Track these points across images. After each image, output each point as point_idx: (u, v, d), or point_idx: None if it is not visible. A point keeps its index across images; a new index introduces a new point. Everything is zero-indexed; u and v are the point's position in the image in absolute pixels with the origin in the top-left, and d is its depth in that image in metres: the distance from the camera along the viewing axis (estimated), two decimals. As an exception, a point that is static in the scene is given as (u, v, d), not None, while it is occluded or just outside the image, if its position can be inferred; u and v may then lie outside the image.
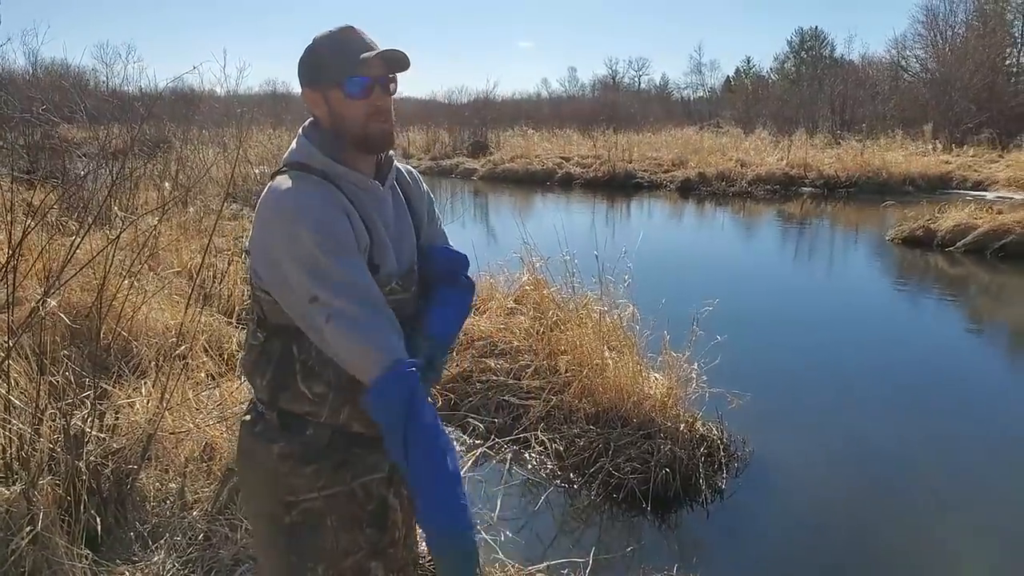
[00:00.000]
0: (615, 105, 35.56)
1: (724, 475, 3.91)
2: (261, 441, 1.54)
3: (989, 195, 16.24)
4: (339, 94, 1.47)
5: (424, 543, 1.98)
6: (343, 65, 1.45)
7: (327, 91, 1.49)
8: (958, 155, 21.27)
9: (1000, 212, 10.75)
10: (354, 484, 1.56)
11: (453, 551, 1.34)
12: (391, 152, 1.64)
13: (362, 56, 1.44)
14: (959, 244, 10.26)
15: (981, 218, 10.52)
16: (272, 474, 1.53)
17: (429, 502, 1.34)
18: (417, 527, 1.80)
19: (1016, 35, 33.06)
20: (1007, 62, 32.38)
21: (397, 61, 1.48)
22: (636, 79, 63.77)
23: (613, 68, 64.69)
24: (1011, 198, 15.15)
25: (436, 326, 1.60)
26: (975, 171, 18.76)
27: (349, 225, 1.43)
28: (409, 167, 1.75)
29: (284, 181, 1.45)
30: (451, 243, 1.77)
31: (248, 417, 1.60)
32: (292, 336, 1.48)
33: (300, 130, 1.57)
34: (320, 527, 1.54)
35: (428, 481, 1.35)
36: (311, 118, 1.57)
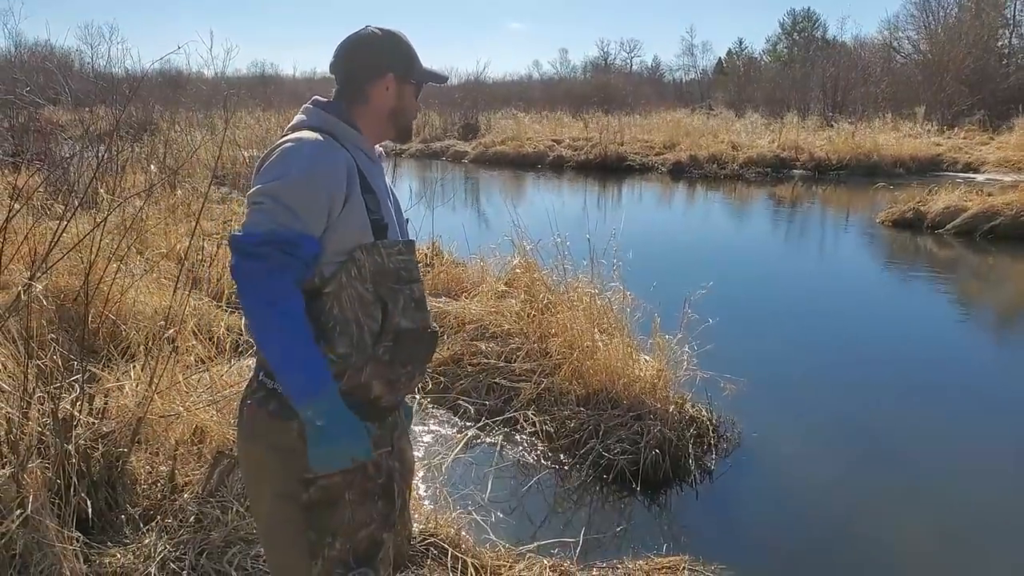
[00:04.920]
0: (607, 87, 35.40)
1: (713, 456, 3.94)
2: (277, 419, 1.56)
3: (979, 177, 16.31)
4: (412, 91, 1.75)
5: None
6: (423, 70, 1.75)
7: (404, 83, 1.72)
8: (949, 137, 21.33)
9: (990, 194, 10.79)
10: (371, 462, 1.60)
11: (303, 411, 1.48)
12: None
13: (440, 72, 1.79)
14: (949, 226, 10.30)
15: (971, 200, 10.54)
16: (289, 452, 1.54)
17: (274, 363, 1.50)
18: (411, 501, 1.84)
19: (1008, 16, 33.03)
20: (999, 43, 32.37)
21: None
22: (628, 61, 63.59)
23: (605, 50, 64.49)
24: (1001, 180, 15.21)
25: None
26: (966, 153, 18.84)
27: (336, 183, 1.54)
28: None
29: (300, 135, 1.59)
30: None
31: (258, 396, 1.61)
32: (309, 299, 1.52)
33: (311, 103, 1.69)
34: (338, 503, 1.58)
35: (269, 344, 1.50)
36: (318, 96, 1.71)
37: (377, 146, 1.77)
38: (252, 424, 1.63)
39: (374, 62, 1.68)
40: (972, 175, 16.75)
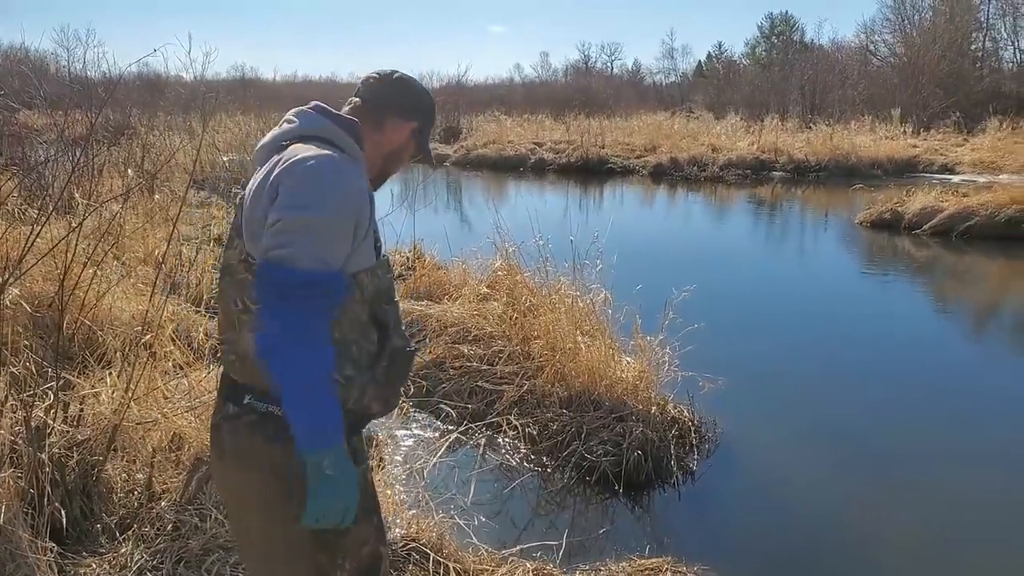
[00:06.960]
0: (588, 90, 35.49)
1: (695, 456, 3.95)
2: (276, 441, 1.47)
3: (955, 178, 16.53)
4: (413, 148, 1.76)
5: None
6: (429, 131, 1.79)
7: (414, 138, 1.75)
8: (925, 139, 21.62)
9: (965, 195, 10.93)
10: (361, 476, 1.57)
11: (316, 457, 1.38)
12: None
13: (431, 154, 1.83)
14: (926, 227, 10.42)
15: (947, 201, 10.69)
16: (289, 476, 1.44)
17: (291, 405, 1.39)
18: (391, 506, 1.84)
19: (981, 20, 33.52)
20: (973, 47, 32.85)
21: None
22: (609, 64, 63.78)
23: (586, 53, 64.61)
24: (976, 181, 15.42)
25: None
26: (941, 154, 19.11)
27: (363, 215, 1.50)
28: None
29: (331, 157, 1.48)
30: None
31: (248, 420, 1.51)
32: None
33: (324, 115, 1.61)
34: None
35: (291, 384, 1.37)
36: (349, 105, 1.69)
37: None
38: (240, 447, 1.53)
39: (408, 104, 1.72)
40: (948, 176, 16.98)
